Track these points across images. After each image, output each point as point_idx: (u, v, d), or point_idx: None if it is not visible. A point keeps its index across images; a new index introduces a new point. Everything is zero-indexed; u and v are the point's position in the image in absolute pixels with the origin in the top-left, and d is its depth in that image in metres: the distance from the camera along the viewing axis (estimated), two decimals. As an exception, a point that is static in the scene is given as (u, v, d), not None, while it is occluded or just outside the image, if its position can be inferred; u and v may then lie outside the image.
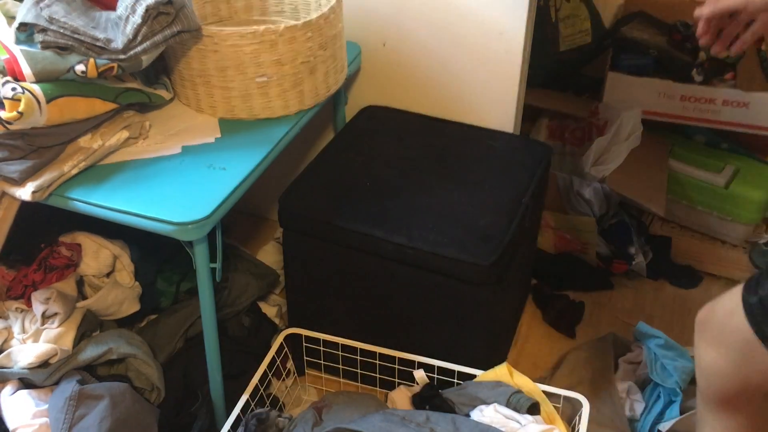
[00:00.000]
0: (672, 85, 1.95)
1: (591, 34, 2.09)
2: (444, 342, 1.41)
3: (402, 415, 1.19)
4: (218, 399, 1.38)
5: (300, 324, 1.48)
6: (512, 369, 1.31)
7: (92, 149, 1.22)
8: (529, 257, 1.72)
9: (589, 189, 1.88)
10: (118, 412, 1.21)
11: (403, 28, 1.60)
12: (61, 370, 1.29)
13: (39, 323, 1.30)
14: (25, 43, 1.20)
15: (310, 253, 1.45)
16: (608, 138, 1.97)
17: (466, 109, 1.64)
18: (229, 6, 1.58)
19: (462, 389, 1.31)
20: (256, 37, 1.26)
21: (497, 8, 1.48)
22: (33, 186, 1.15)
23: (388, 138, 1.59)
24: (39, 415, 1.24)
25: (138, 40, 1.19)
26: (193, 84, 1.34)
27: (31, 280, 1.32)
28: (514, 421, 1.20)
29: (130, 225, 1.16)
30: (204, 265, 1.21)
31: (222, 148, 1.28)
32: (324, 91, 1.41)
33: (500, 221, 1.35)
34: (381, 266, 1.36)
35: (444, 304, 1.36)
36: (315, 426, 1.25)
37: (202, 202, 1.15)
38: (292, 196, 1.42)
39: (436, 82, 1.64)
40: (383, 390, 1.46)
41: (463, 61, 1.58)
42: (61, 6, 1.19)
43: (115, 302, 1.39)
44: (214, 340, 1.30)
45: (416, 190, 1.42)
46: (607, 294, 1.83)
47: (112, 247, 1.40)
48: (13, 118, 1.10)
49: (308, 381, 1.58)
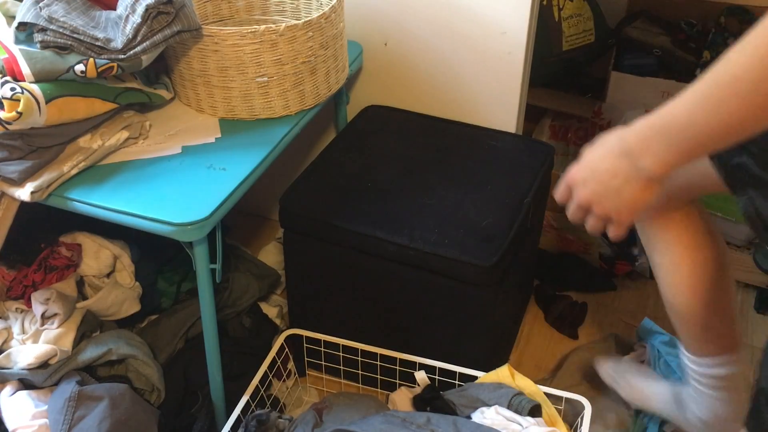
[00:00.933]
0: (676, 84, 1.94)
1: (594, 33, 2.08)
2: (445, 343, 1.40)
3: (403, 416, 1.18)
4: (219, 400, 1.38)
5: (301, 325, 1.47)
6: (514, 370, 1.30)
7: (92, 149, 1.21)
8: (532, 258, 1.71)
9: (592, 189, 1.87)
10: (117, 413, 1.21)
11: (405, 27, 1.60)
12: (61, 371, 1.28)
13: (39, 324, 1.30)
14: (25, 42, 1.19)
15: (311, 253, 1.44)
16: (611, 138, 1.96)
17: (467, 109, 1.63)
18: (230, 5, 1.57)
19: (463, 391, 1.31)
20: (256, 36, 1.25)
21: (499, 8, 1.47)
22: (32, 186, 1.14)
23: (390, 138, 1.58)
24: (38, 415, 1.23)
25: (138, 39, 1.19)
26: (194, 84, 1.33)
27: (31, 280, 1.32)
28: (516, 423, 1.19)
29: (130, 225, 1.15)
30: (204, 266, 1.20)
31: (222, 149, 1.28)
32: (325, 91, 1.41)
33: (502, 222, 1.34)
34: (382, 267, 1.36)
35: (445, 305, 1.36)
36: (315, 427, 1.25)
37: (201, 202, 1.15)
38: (293, 196, 1.42)
39: (437, 81, 1.63)
40: (384, 391, 1.46)
41: (464, 60, 1.58)
42: (61, 5, 1.19)
43: (115, 303, 1.39)
44: (214, 340, 1.30)
45: (418, 190, 1.42)
46: (610, 295, 1.82)
47: (113, 248, 1.40)
48: (12, 119, 1.10)
49: (309, 382, 1.58)
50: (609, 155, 0.82)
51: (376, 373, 1.44)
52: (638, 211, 0.83)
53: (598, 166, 0.83)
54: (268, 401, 1.42)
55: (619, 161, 0.81)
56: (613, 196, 0.83)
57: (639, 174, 0.80)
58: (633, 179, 0.81)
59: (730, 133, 0.75)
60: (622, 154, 0.81)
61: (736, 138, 0.75)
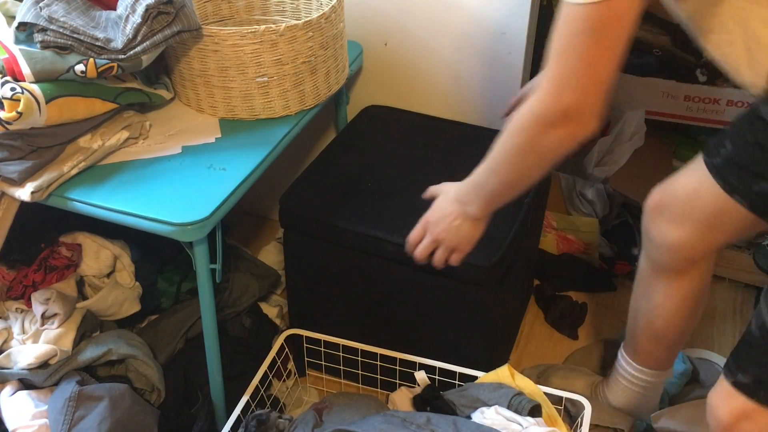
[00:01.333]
0: (676, 85, 1.94)
1: (594, 33, 2.08)
2: (445, 343, 1.40)
3: (403, 416, 1.18)
4: (219, 400, 1.38)
5: (301, 325, 1.47)
6: (514, 370, 1.30)
7: (92, 149, 1.21)
8: (532, 258, 1.71)
9: (592, 190, 1.88)
10: (117, 414, 1.21)
11: (405, 27, 1.60)
12: (61, 371, 1.28)
13: (39, 324, 1.30)
14: (25, 42, 1.19)
15: (311, 253, 1.44)
16: (611, 138, 1.96)
17: (467, 109, 1.63)
18: (230, 5, 1.57)
19: (463, 391, 1.31)
20: (256, 36, 1.25)
21: (499, 8, 1.47)
22: (32, 186, 1.15)
23: (390, 138, 1.58)
24: (38, 416, 1.24)
25: (138, 39, 1.19)
26: (194, 84, 1.33)
27: (31, 280, 1.32)
28: (516, 423, 1.19)
29: (130, 225, 1.15)
30: (204, 266, 1.20)
31: (222, 149, 1.28)
32: (325, 91, 1.41)
33: (502, 222, 1.34)
34: (382, 267, 1.36)
35: (445, 305, 1.36)
36: (315, 427, 1.25)
37: (201, 202, 1.15)
38: (293, 196, 1.42)
39: (437, 81, 1.63)
40: (384, 391, 1.46)
41: (465, 60, 1.58)
42: (61, 6, 1.19)
43: (115, 303, 1.39)
44: (214, 340, 1.30)
45: (418, 190, 1.41)
46: (610, 295, 1.82)
47: (113, 248, 1.40)
48: (13, 119, 1.10)
49: (309, 382, 1.58)
50: (451, 203, 1.16)
51: (376, 373, 1.44)
52: (473, 243, 1.18)
53: (444, 211, 1.17)
54: (268, 401, 1.42)
55: (456, 207, 1.15)
56: (455, 231, 1.16)
57: (468, 216, 1.15)
58: (466, 220, 1.15)
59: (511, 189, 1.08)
60: (457, 201, 1.16)
61: (519, 191, 1.09)
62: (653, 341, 1.32)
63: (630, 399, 1.41)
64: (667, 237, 1.17)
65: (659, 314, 1.27)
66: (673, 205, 1.16)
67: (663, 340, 1.31)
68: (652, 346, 1.33)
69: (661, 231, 1.18)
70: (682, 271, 1.21)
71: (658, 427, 1.38)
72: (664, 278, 1.24)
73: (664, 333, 1.29)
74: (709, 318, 1.75)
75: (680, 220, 1.14)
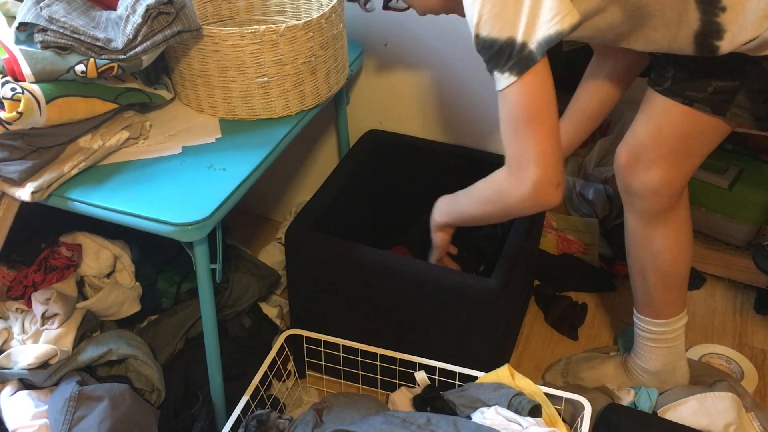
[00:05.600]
0: (675, 85, 1.94)
1: (594, 34, 2.08)
2: (445, 343, 1.40)
3: (403, 417, 1.18)
4: (219, 400, 1.38)
5: (301, 325, 1.47)
6: (514, 371, 1.30)
7: (92, 149, 1.21)
8: (532, 259, 1.71)
9: (592, 190, 1.88)
10: (117, 414, 1.21)
11: (405, 27, 1.60)
12: (61, 371, 1.29)
13: (39, 324, 1.30)
14: (25, 43, 1.19)
15: (312, 254, 1.44)
16: (611, 138, 1.96)
17: (467, 109, 1.63)
18: (231, 6, 1.57)
19: (463, 391, 1.31)
20: (256, 37, 1.25)
21: (500, 8, 1.47)
22: (32, 186, 1.15)
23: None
24: (39, 416, 1.24)
25: (138, 39, 1.19)
26: (194, 84, 1.33)
27: (31, 280, 1.32)
28: (516, 424, 1.19)
29: (130, 226, 1.15)
30: (204, 266, 1.20)
31: (222, 149, 1.28)
32: (325, 92, 1.41)
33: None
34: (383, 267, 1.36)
35: (445, 306, 1.36)
36: (315, 428, 1.25)
37: (202, 202, 1.15)
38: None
39: (438, 81, 1.63)
40: (384, 391, 1.46)
41: (464, 60, 1.58)
42: (61, 6, 1.19)
43: (115, 303, 1.39)
44: (214, 341, 1.30)
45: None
46: (610, 295, 1.82)
47: (113, 248, 1.40)
48: (13, 119, 1.10)
49: (309, 382, 1.58)
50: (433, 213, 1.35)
51: (376, 374, 1.44)
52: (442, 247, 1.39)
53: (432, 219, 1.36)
54: (268, 401, 1.42)
55: (433, 217, 1.35)
56: (433, 236, 1.38)
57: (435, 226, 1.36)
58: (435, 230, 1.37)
59: (478, 220, 1.27)
60: (435, 212, 1.34)
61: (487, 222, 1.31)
62: (667, 287, 1.37)
63: (666, 357, 1.44)
64: (649, 182, 1.24)
65: (666, 257, 1.33)
66: (642, 152, 1.24)
67: (675, 279, 1.36)
68: (666, 293, 1.38)
69: (642, 179, 1.25)
70: (671, 208, 1.28)
71: None
72: (659, 223, 1.30)
73: (675, 271, 1.35)
74: (710, 318, 1.75)
75: (655, 161, 1.23)
